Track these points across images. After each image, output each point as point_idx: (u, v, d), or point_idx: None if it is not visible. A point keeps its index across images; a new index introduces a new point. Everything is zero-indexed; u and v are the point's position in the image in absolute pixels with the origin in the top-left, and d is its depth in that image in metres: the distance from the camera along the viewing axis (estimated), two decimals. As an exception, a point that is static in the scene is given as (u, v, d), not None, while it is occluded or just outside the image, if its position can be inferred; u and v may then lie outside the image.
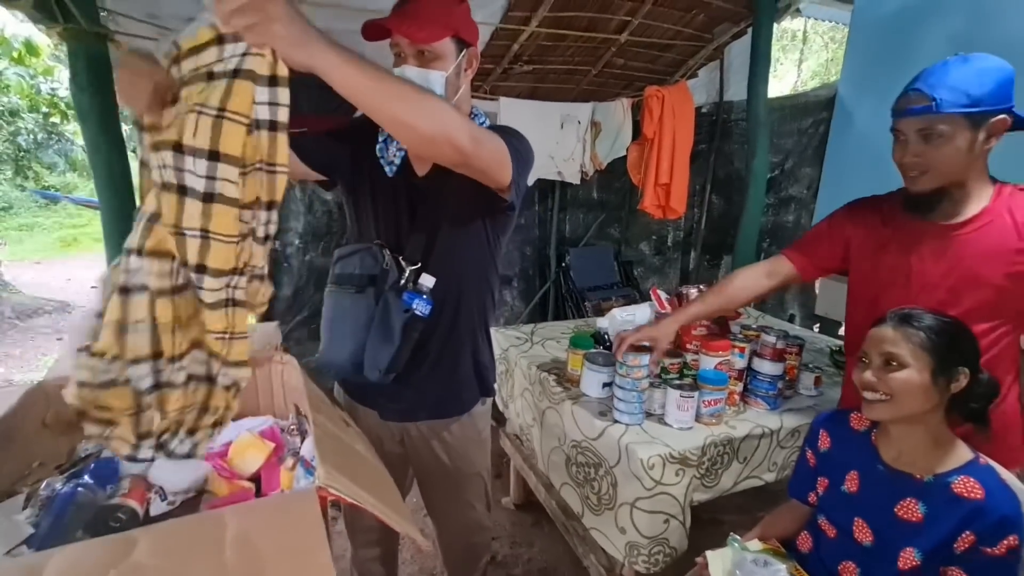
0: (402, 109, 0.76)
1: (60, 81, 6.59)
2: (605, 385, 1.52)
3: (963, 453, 0.96)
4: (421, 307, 1.08)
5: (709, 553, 1.10)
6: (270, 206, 0.75)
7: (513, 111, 2.79)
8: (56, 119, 8.16)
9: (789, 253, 1.38)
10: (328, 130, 1.17)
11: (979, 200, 1.10)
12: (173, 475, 0.92)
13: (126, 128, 1.83)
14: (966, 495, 0.91)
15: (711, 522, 1.70)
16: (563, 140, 2.98)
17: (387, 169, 1.13)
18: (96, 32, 1.67)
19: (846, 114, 2.93)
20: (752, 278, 1.40)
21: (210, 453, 1.02)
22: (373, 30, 0.99)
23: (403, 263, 1.10)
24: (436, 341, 1.16)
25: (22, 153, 9.23)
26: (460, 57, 1.03)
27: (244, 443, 1.03)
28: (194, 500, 0.93)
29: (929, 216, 1.13)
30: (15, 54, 5.28)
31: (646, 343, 1.38)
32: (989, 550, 0.89)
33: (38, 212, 9.24)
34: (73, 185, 10.19)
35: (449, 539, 1.39)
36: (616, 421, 1.41)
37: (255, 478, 1.00)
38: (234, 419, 1.14)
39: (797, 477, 1.19)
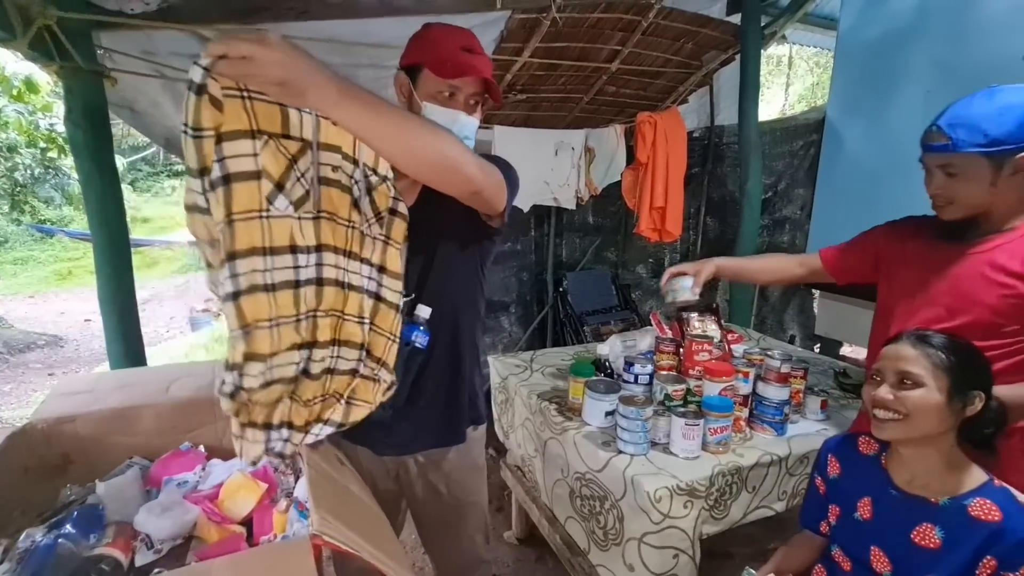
0: (417, 143, 0.76)
1: (59, 117, 6.64)
2: (608, 414, 1.49)
3: (977, 475, 0.94)
4: (420, 339, 1.07)
5: None
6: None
7: (508, 139, 2.81)
8: (54, 154, 8.17)
9: (823, 251, 1.44)
10: None
11: (1006, 226, 1.09)
12: (160, 522, 0.88)
13: (122, 161, 1.84)
14: (983, 518, 0.89)
15: (722, 555, 1.65)
16: (558, 166, 3.01)
17: None
18: (92, 70, 1.69)
19: (835, 136, 2.97)
20: (784, 259, 1.51)
21: (198, 495, 0.98)
22: (453, 68, 0.98)
23: None
24: (435, 372, 1.14)
25: (19, 188, 9.24)
26: (484, 105, 1.07)
27: (236, 484, 0.99)
28: (182, 548, 0.89)
29: (958, 240, 1.13)
30: (15, 92, 5.33)
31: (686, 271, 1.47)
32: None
33: (33, 246, 9.23)
34: (69, 218, 10.19)
35: None
36: (620, 451, 1.37)
37: (246, 521, 0.96)
38: (225, 458, 1.12)
39: (808, 506, 1.15)
